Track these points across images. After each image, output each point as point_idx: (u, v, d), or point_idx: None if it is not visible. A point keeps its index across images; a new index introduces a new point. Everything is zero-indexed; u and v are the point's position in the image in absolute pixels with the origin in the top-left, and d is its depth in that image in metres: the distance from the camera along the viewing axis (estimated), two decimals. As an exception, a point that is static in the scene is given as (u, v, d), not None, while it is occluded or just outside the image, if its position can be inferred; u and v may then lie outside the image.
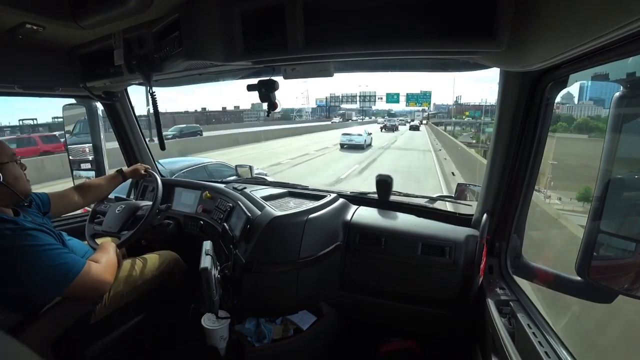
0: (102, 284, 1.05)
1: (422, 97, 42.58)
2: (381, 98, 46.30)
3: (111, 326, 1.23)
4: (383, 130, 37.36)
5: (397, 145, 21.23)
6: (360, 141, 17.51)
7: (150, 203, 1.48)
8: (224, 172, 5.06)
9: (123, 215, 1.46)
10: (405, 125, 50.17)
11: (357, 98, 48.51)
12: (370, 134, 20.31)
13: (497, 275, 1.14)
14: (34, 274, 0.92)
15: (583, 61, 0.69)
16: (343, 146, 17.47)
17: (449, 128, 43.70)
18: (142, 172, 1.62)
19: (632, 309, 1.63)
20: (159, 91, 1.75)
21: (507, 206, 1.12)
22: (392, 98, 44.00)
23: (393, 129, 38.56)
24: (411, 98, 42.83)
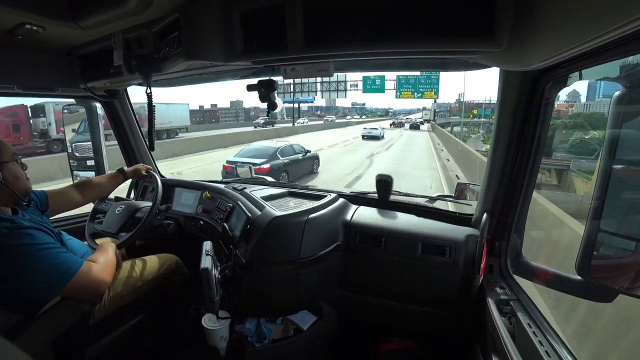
0: (100, 284, 1.04)
1: (424, 84, 25.02)
2: (356, 85, 27.42)
3: (111, 327, 1.23)
4: (391, 126, 43.15)
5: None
6: (377, 134, 23.89)
7: (150, 203, 1.48)
8: (299, 149, 8.77)
9: (123, 215, 1.46)
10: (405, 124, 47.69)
11: (318, 86, 28.72)
12: (384, 128, 28.42)
13: (497, 275, 1.14)
14: (31, 273, 0.91)
15: (583, 60, 0.69)
16: (364, 137, 23.27)
17: (455, 129, 33.51)
18: (144, 172, 1.62)
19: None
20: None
21: (507, 205, 1.12)
22: (373, 85, 25.33)
23: (400, 125, 44.92)
24: (404, 85, 25.30)
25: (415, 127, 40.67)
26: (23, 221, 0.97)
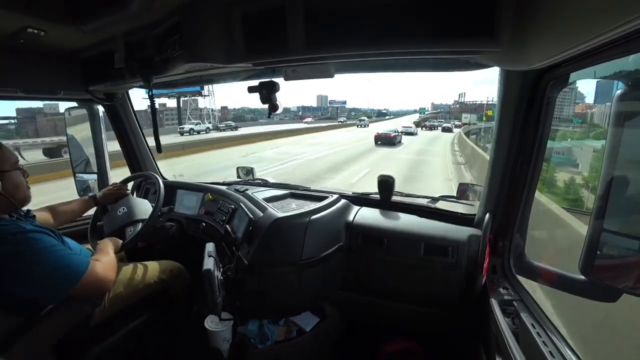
0: (105, 282, 1.05)
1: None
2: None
3: (112, 329, 1.23)
4: (423, 129, 42.60)
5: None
6: (412, 131, 32.57)
7: (152, 206, 1.48)
8: (397, 128, 25.15)
9: (124, 218, 1.46)
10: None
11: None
12: (416, 127, 39.09)
13: (501, 275, 1.14)
14: (41, 277, 0.92)
15: (584, 59, 0.69)
16: (403, 133, 31.08)
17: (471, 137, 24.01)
18: (114, 193, 1.51)
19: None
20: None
21: (509, 205, 1.11)
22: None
23: (432, 128, 42.98)
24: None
25: (447, 130, 36.60)
26: (26, 225, 0.97)
